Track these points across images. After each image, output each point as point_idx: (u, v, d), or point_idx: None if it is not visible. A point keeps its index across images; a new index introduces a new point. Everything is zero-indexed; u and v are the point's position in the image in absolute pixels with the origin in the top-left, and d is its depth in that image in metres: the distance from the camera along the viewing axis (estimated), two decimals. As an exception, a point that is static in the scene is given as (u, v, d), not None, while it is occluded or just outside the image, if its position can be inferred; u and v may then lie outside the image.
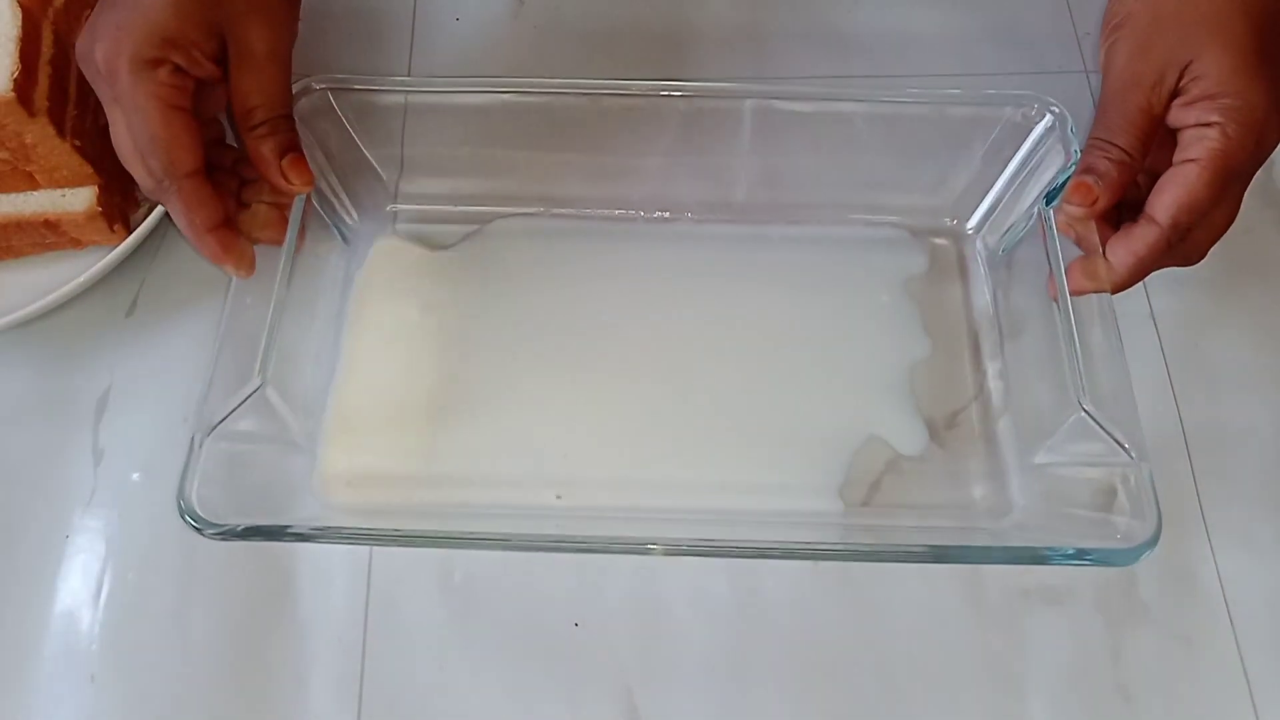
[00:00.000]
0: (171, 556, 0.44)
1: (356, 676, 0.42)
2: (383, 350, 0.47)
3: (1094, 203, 0.40)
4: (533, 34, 0.57)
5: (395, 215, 0.51)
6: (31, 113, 0.42)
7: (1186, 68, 0.39)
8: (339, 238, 0.49)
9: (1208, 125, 0.38)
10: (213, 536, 0.37)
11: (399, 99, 0.48)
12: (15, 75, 0.41)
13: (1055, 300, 0.42)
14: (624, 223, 0.51)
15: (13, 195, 0.46)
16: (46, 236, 0.47)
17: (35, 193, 0.46)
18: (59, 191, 0.46)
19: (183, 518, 0.37)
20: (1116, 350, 0.40)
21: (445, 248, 0.50)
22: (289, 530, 0.38)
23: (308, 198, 0.43)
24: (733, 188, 0.51)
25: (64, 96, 0.44)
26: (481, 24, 0.57)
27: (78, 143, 0.44)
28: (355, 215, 0.50)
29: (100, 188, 0.46)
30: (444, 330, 0.48)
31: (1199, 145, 0.38)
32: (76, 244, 0.47)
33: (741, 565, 0.44)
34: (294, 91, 0.43)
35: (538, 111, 0.47)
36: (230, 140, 0.44)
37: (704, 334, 0.48)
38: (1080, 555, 0.38)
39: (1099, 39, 0.43)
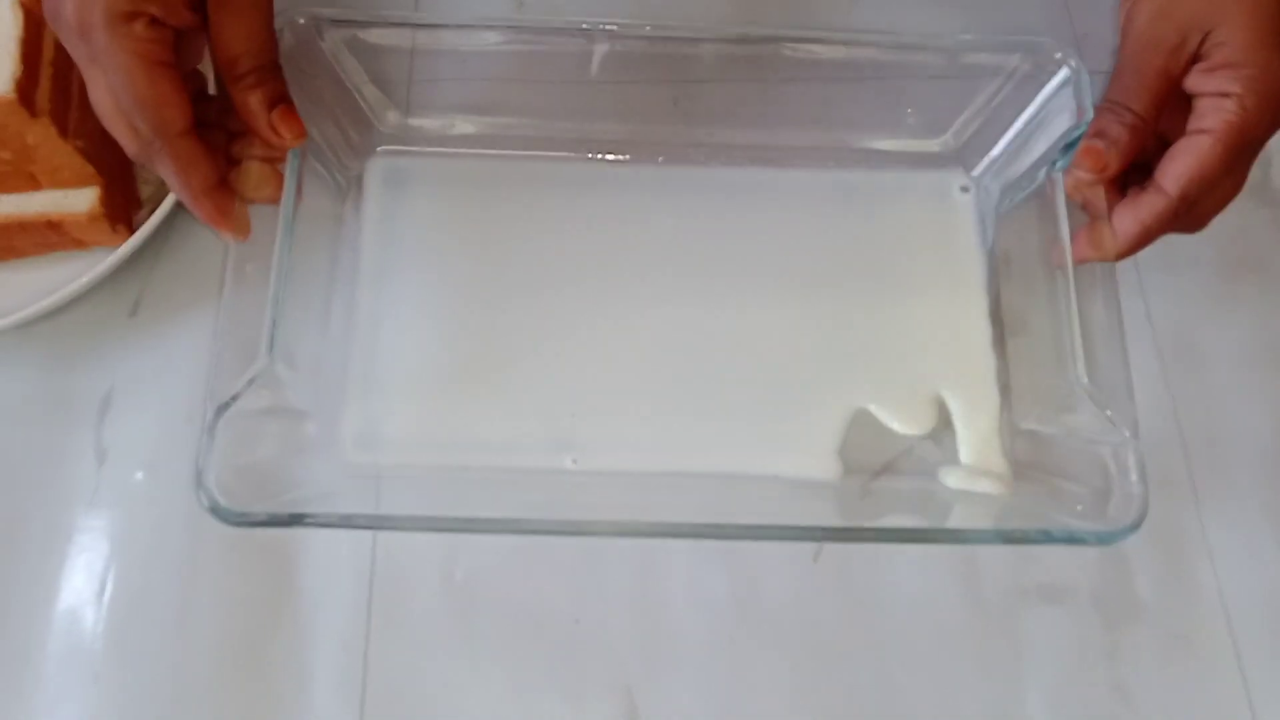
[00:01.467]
0: (175, 556, 0.44)
1: (359, 675, 0.42)
2: (399, 309, 0.47)
3: (1104, 168, 0.39)
4: (533, 34, 0.57)
5: (388, 157, 0.49)
6: (34, 114, 0.42)
7: (1210, 33, 0.38)
8: (336, 186, 0.48)
9: (1225, 95, 0.37)
10: (237, 524, 0.37)
11: (388, 35, 0.45)
12: (17, 76, 0.41)
13: (1058, 267, 0.41)
14: (625, 166, 0.50)
15: (15, 196, 0.46)
16: (49, 237, 0.47)
17: (38, 193, 0.46)
18: (61, 192, 0.46)
19: (203, 507, 0.37)
20: (1116, 324, 0.40)
21: (445, 190, 0.49)
22: (311, 517, 0.37)
23: (302, 151, 0.41)
24: (732, 133, 0.50)
25: (66, 97, 0.44)
26: (482, 24, 0.57)
27: (80, 143, 0.44)
28: (346, 159, 0.48)
29: (103, 188, 0.46)
30: (459, 284, 0.47)
31: (1215, 116, 0.37)
32: (79, 244, 0.47)
33: (740, 561, 0.44)
34: (276, 28, 0.40)
35: (539, 54, 0.46)
36: (212, 91, 0.41)
37: (712, 284, 0.48)
38: (1068, 536, 0.38)
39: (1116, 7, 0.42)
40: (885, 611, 0.44)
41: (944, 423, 0.46)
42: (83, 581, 0.44)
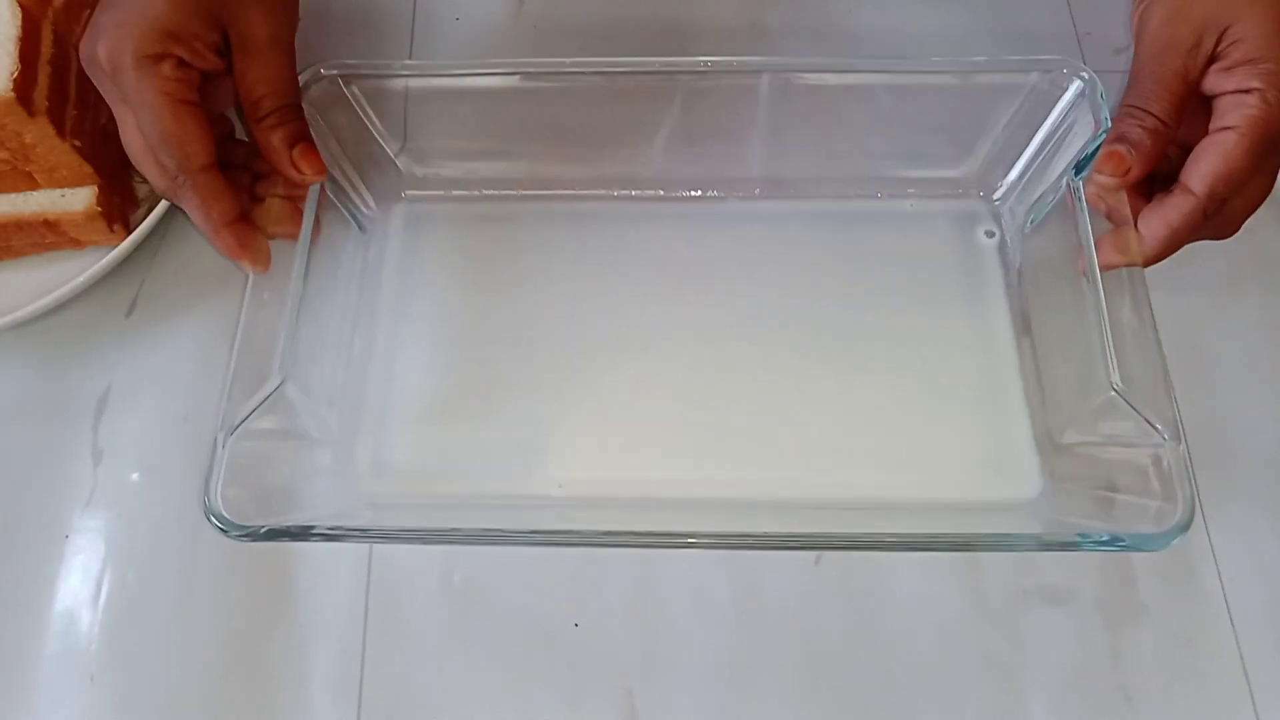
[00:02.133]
0: (171, 557, 0.44)
1: (356, 677, 0.42)
2: (415, 344, 0.47)
3: (1126, 172, 0.39)
4: (532, 34, 0.57)
5: (411, 201, 0.51)
6: (31, 112, 0.42)
7: (1225, 31, 0.37)
8: (355, 226, 0.49)
9: (1247, 92, 0.37)
10: (238, 538, 0.37)
11: (410, 83, 0.47)
12: (15, 75, 0.41)
13: (1084, 275, 0.40)
14: (637, 202, 0.51)
15: (12, 195, 0.46)
16: (46, 236, 0.47)
17: (35, 192, 0.46)
18: (59, 191, 0.46)
19: (209, 520, 0.37)
20: (1148, 327, 0.39)
21: (464, 231, 0.50)
22: (313, 531, 0.38)
23: (322, 188, 0.43)
24: (747, 165, 0.50)
25: (64, 96, 0.44)
26: (481, 24, 0.57)
27: (77, 142, 0.44)
28: (371, 203, 0.50)
29: (100, 188, 0.46)
30: (469, 319, 0.48)
31: (1237, 112, 0.37)
32: (76, 244, 0.48)
33: (741, 564, 0.44)
34: (303, 79, 0.42)
35: (554, 93, 0.47)
36: (241, 136, 0.43)
37: (727, 316, 0.48)
38: (1113, 541, 0.37)
39: (1130, 3, 0.41)
40: (887, 614, 0.43)
41: (969, 400, 0.46)
42: (79, 582, 0.44)
